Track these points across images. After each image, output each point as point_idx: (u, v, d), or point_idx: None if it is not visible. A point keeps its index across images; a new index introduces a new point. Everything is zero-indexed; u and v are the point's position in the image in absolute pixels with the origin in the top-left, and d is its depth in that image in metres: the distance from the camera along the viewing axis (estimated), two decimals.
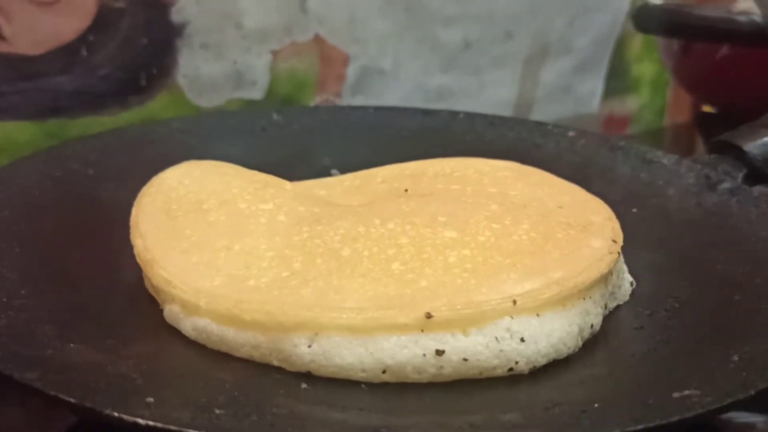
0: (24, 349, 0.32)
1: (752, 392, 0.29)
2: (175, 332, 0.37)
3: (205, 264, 0.39)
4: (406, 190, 0.50)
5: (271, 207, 0.45)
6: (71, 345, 0.33)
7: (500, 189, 0.49)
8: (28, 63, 0.67)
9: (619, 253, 0.41)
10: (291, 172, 0.61)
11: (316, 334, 0.34)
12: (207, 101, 0.75)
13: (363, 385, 0.33)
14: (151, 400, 0.29)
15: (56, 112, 0.69)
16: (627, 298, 0.42)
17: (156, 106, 0.73)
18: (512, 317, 0.35)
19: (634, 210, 0.54)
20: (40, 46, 0.66)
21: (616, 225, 0.44)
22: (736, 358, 0.33)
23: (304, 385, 0.33)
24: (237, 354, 0.36)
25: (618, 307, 0.42)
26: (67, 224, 0.48)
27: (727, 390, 0.30)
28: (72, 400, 0.28)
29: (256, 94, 0.77)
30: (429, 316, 0.34)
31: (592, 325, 0.38)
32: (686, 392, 0.30)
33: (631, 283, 0.44)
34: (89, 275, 0.42)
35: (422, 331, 0.34)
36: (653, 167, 0.58)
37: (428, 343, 0.34)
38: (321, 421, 0.30)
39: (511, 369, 0.34)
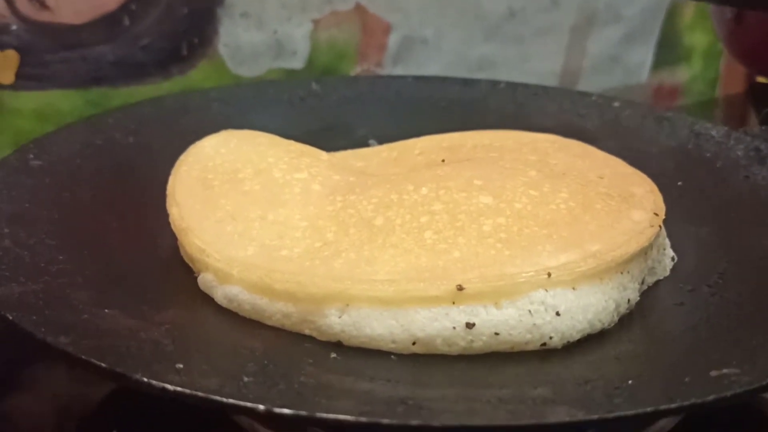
0: (58, 314, 0.32)
1: None
2: (208, 300, 0.38)
3: (239, 233, 0.39)
4: (443, 161, 0.49)
5: (305, 176, 0.45)
6: (105, 311, 0.33)
7: (540, 157, 0.48)
8: (71, 32, 0.67)
9: (660, 226, 0.40)
10: (329, 143, 0.61)
11: (347, 305, 0.34)
12: (247, 71, 0.74)
13: (392, 356, 0.33)
14: (180, 366, 0.29)
15: (98, 81, 0.70)
16: (667, 273, 0.41)
17: (197, 76, 0.73)
18: (547, 290, 0.34)
19: (679, 183, 0.53)
20: (82, 16, 0.67)
21: (659, 198, 0.43)
22: None
23: (333, 355, 0.33)
24: (268, 323, 0.36)
25: (657, 282, 0.41)
26: (106, 192, 0.48)
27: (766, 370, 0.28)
28: (102, 364, 0.28)
29: (297, 63, 0.76)
30: (460, 288, 0.33)
31: (629, 300, 0.37)
32: (725, 371, 0.29)
33: (672, 258, 0.42)
34: (126, 243, 0.42)
35: (453, 303, 0.33)
36: (701, 139, 0.56)
37: (459, 316, 0.33)
38: (347, 391, 0.29)
39: (544, 344, 0.34)
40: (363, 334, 0.33)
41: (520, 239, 0.37)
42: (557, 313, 0.33)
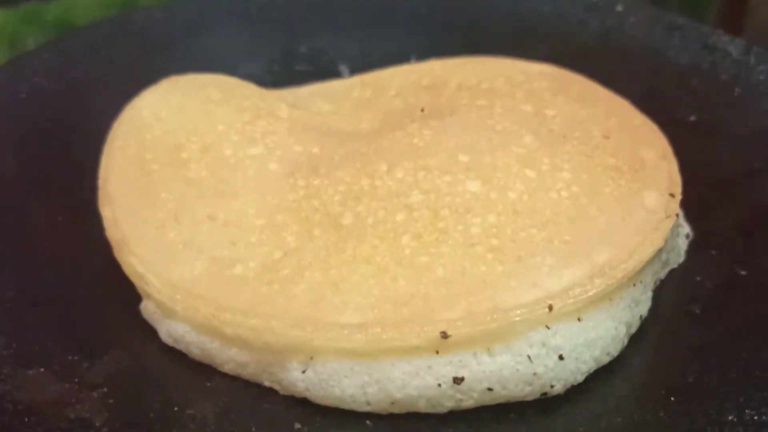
0: None
1: None
2: (152, 334, 0.32)
3: (185, 242, 0.33)
4: (423, 110, 0.42)
5: (261, 151, 0.38)
6: (28, 372, 0.28)
7: (536, 107, 0.41)
8: None
9: (677, 215, 0.34)
10: (295, 70, 0.54)
11: (311, 358, 0.29)
12: None
13: (368, 422, 0.28)
14: None
15: None
16: (682, 258, 0.36)
17: None
18: (548, 327, 0.29)
19: (692, 118, 0.46)
20: None
21: (673, 165, 0.36)
22: None
23: (297, 426, 0.28)
24: (222, 369, 0.31)
25: (672, 272, 0.35)
26: (34, 166, 0.42)
27: None
28: None
29: None
30: (445, 335, 0.28)
31: (640, 317, 0.32)
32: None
33: (687, 236, 0.37)
34: (54, 243, 0.37)
35: (437, 353, 0.28)
36: (716, 56, 0.49)
37: (444, 369, 0.28)
38: None
39: (545, 393, 0.29)
40: (331, 394, 0.28)
41: (514, 247, 0.31)
42: (560, 357, 0.28)
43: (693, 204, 0.38)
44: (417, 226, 0.32)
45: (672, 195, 0.34)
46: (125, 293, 0.33)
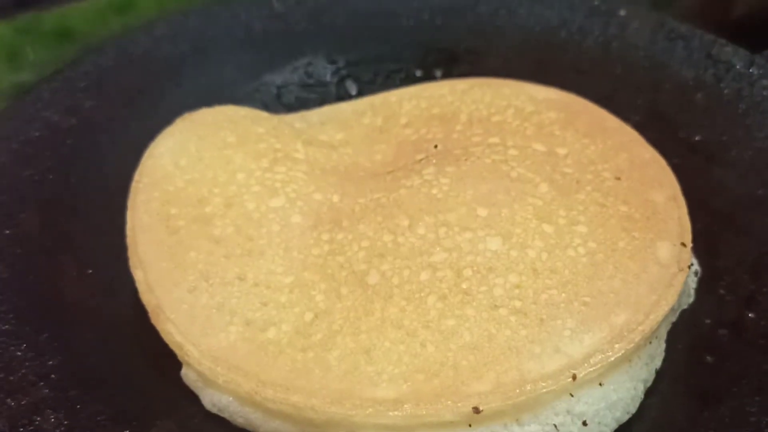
0: None
1: None
2: (194, 399, 0.34)
3: (217, 306, 0.35)
4: (436, 146, 0.43)
5: (283, 203, 0.39)
6: None
7: (547, 145, 0.42)
8: None
9: (690, 266, 0.35)
10: (302, 91, 0.54)
11: None
12: None
13: None
14: None
15: (25, 5, 0.61)
16: (692, 298, 0.38)
17: None
18: (572, 395, 0.31)
19: (697, 138, 0.47)
20: None
21: (682, 210, 0.38)
22: None
23: None
24: None
25: (683, 312, 0.37)
26: (56, 217, 0.42)
27: None
28: None
29: None
30: (477, 410, 0.30)
31: (656, 370, 0.34)
32: None
33: (696, 273, 0.39)
34: (88, 304, 0.38)
35: (470, 426, 0.30)
36: (720, 69, 0.50)
37: None
38: None
39: None
40: None
41: (536, 309, 0.32)
42: (584, 423, 0.30)
43: (700, 236, 0.39)
44: (441, 287, 0.33)
45: (683, 244, 0.36)
46: (165, 358, 0.35)
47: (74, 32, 0.65)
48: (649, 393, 0.33)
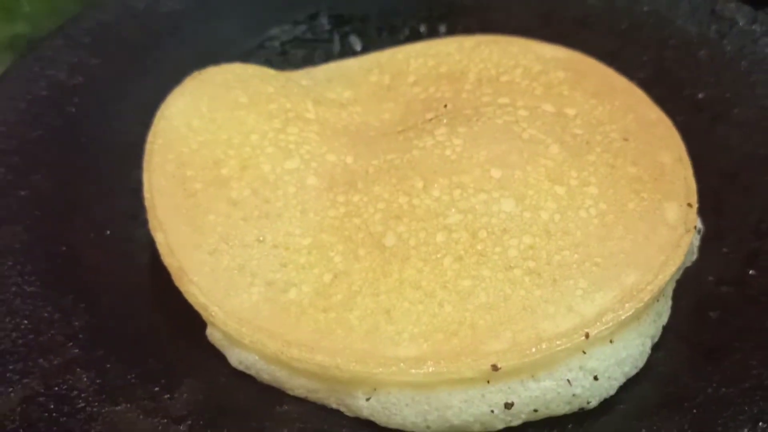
0: (69, 423, 0.30)
1: None
2: (219, 357, 0.35)
3: (239, 268, 0.36)
4: (446, 106, 0.44)
5: (297, 165, 0.40)
6: (116, 408, 0.31)
7: (556, 106, 0.42)
8: None
9: (695, 227, 0.36)
10: (306, 36, 0.54)
11: (374, 389, 0.32)
12: None
13: None
14: None
15: None
16: (695, 256, 0.39)
17: None
18: (585, 352, 0.32)
19: (700, 95, 0.48)
20: None
21: (689, 171, 0.39)
22: None
23: None
24: (291, 393, 0.34)
25: (686, 270, 0.38)
26: (68, 178, 0.43)
27: None
28: None
29: None
30: (495, 368, 0.31)
31: (663, 326, 0.35)
32: None
33: (699, 231, 0.40)
34: (108, 266, 0.39)
35: (488, 382, 0.31)
36: (723, 25, 0.50)
37: (496, 396, 0.32)
38: None
39: (582, 408, 0.33)
40: (394, 421, 0.32)
41: (549, 270, 0.34)
42: (595, 378, 0.32)
43: (704, 195, 0.40)
44: (457, 248, 0.34)
45: (689, 205, 0.37)
46: (189, 316, 0.36)
47: None
48: (655, 347, 0.35)
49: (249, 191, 0.38)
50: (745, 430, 0.29)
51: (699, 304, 0.37)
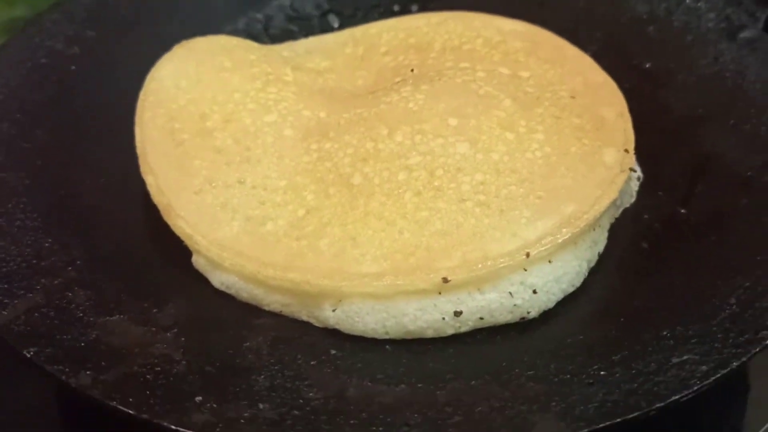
0: (69, 335, 0.34)
1: (744, 359, 0.32)
2: (204, 281, 0.39)
3: (221, 205, 0.40)
4: (412, 70, 0.48)
5: (275, 119, 0.44)
6: (111, 319, 0.35)
7: (511, 69, 0.47)
8: None
9: (630, 169, 0.41)
10: (288, 15, 0.58)
11: (340, 300, 0.36)
12: None
13: (387, 346, 0.36)
14: (199, 399, 0.31)
15: None
16: (634, 199, 0.43)
17: None
18: (525, 269, 0.36)
19: (647, 65, 0.53)
20: None
21: (628, 123, 0.43)
22: (733, 301, 0.35)
23: (333, 351, 0.35)
24: (266, 308, 0.38)
25: (625, 210, 0.43)
26: (68, 133, 0.47)
27: (721, 356, 0.32)
28: (129, 411, 0.31)
29: None
30: (446, 280, 0.35)
31: (598, 253, 0.40)
32: (685, 357, 0.32)
33: (638, 178, 0.44)
34: (105, 206, 0.43)
35: (440, 293, 0.36)
36: (672, 3, 0.55)
37: (446, 305, 0.36)
38: (354, 412, 0.32)
39: (523, 318, 0.37)
40: (357, 327, 0.36)
41: (498, 201, 0.38)
42: (534, 291, 0.36)
43: (644, 149, 0.45)
44: (416, 185, 0.39)
45: (626, 150, 0.41)
46: (176, 248, 0.40)
47: None
48: (593, 271, 0.39)
49: (231, 140, 0.42)
50: (664, 332, 0.33)
51: (634, 237, 0.41)
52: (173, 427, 0.30)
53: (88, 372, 0.32)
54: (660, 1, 0.55)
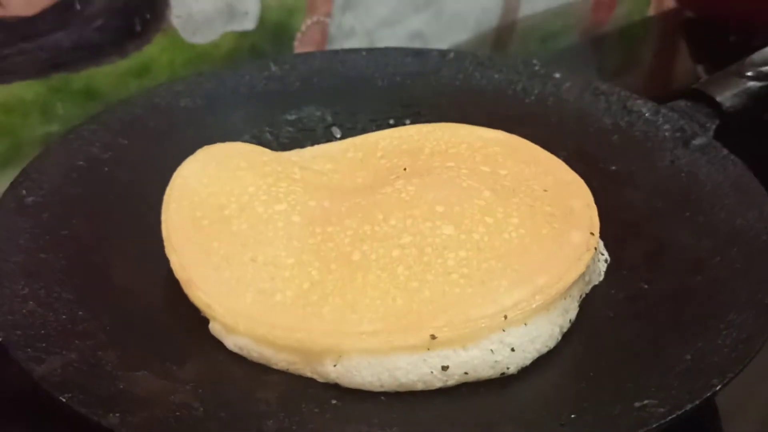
0: (99, 385, 0.38)
1: (697, 402, 0.37)
2: (219, 345, 0.44)
3: (236, 279, 0.45)
4: (405, 169, 0.55)
5: (285, 208, 0.50)
6: (136, 374, 0.40)
7: (491, 167, 0.53)
8: (25, 24, 0.68)
9: (595, 248, 0.47)
10: (295, 132, 0.66)
11: (340, 356, 0.41)
12: (202, 38, 0.77)
13: (382, 397, 0.41)
14: None
15: (58, 67, 0.72)
16: (602, 278, 0.49)
17: (153, 50, 0.75)
18: (504, 330, 0.41)
19: (612, 167, 0.60)
20: (34, 6, 0.68)
21: (594, 212, 0.49)
22: (688, 357, 0.40)
23: (333, 401, 0.40)
24: (275, 367, 0.43)
25: (594, 287, 0.48)
26: (101, 222, 0.53)
27: (677, 399, 0.37)
28: None
29: (249, 24, 0.79)
30: (433, 337, 0.40)
31: (570, 320, 0.45)
32: (645, 402, 0.37)
33: (606, 260, 0.50)
34: (132, 285, 0.48)
35: (428, 349, 0.41)
36: (633, 116, 0.63)
37: (434, 360, 0.41)
38: None
39: (503, 373, 0.42)
40: (355, 380, 0.41)
41: (479, 274, 0.43)
42: (512, 349, 0.41)
43: (611, 237, 0.51)
44: (408, 260, 0.44)
45: (592, 234, 0.47)
46: (195, 318, 0.45)
47: (98, 92, 0.75)
48: (566, 336, 0.44)
49: (246, 225, 0.48)
50: (628, 384, 0.38)
51: (601, 308, 0.46)
52: None
53: (117, 414, 0.36)
54: (623, 115, 0.63)
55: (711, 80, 0.63)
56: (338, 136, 0.66)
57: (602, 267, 0.49)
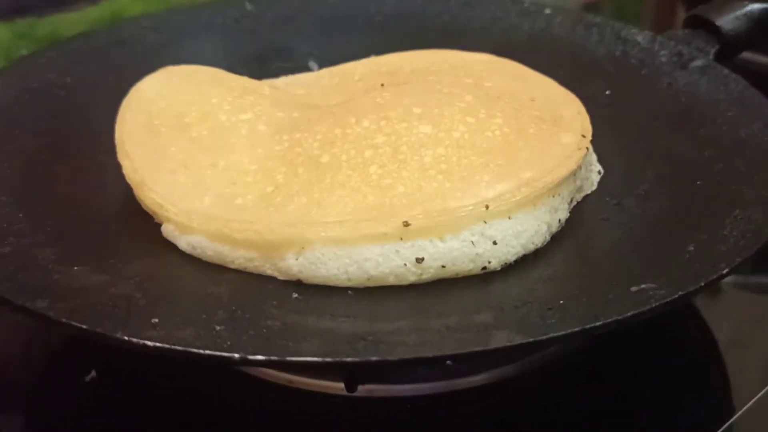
0: (31, 276, 0.34)
1: (702, 284, 0.32)
2: (171, 247, 0.40)
3: (193, 183, 0.41)
4: (382, 85, 0.51)
5: (250, 117, 0.46)
6: (74, 268, 0.35)
7: (476, 80, 0.50)
8: None
9: (587, 148, 0.43)
10: (269, 67, 0.62)
11: (303, 248, 0.36)
12: None
13: (349, 292, 0.36)
14: (156, 320, 0.31)
15: (23, 11, 0.68)
16: (595, 187, 0.45)
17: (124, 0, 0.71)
18: (485, 221, 0.37)
19: (607, 92, 0.56)
20: None
21: (586, 119, 0.46)
22: (691, 248, 0.36)
23: (295, 295, 0.36)
24: (231, 266, 0.38)
25: (586, 197, 0.44)
26: (52, 140, 0.49)
27: (680, 283, 0.32)
28: (82, 326, 0.30)
29: None
30: (407, 224, 0.36)
31: (559, 220, 0.41)
32: (643, 286, 0.33)
33: (599, 172, 0.46)
34: (81, 193, 0.44)
35: (401, 239, 0.36)
36: (627, 45, 0.59)
37: (408, 251, 0.36)
38: (311, 332, 0.32)
39: (484, 268, 0.37)
40: (319, 274, 0.36)
41: (459, 169, 0.39)
42: (494, 242, 0.37)
43: (604, 151, 0.47)
44: (382, 159, 0.40)
45: (584, 136, 0.43)
46: (144, 223, 0.41)
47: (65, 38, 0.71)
48: (558, 240, 0.40)
49: (207, 132, 0.44)
50: (624, 271, 0.34)
51: (595, 211, 0.42)
52: (126, 338, 0.29)
53: (45, 299, 0.32)
54: (617, 44, 0.59)
55: (710, 5, 0.60)
56: (315, 69, 0.62)
57: (595, 178, 0.45)
